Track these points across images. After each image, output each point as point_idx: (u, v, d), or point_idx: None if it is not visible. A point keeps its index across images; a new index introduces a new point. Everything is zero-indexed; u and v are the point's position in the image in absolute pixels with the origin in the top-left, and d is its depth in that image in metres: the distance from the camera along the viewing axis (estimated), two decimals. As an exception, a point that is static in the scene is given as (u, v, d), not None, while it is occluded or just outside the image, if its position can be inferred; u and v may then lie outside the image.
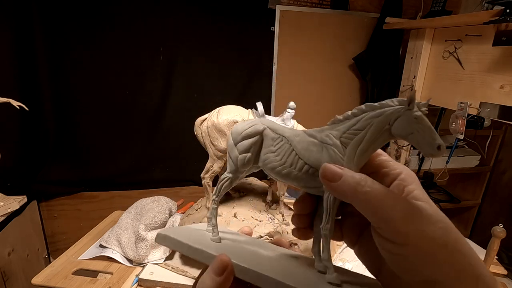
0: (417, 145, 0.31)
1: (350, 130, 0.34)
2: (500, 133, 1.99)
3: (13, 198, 1.32)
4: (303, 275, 0.34)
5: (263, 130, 0.38)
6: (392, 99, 0.33)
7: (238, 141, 0.38)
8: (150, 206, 1.19)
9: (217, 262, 0.30)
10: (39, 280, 0.96)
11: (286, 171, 0.36)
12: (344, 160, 0.33)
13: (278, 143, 0.37)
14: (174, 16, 1.59)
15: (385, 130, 0.32)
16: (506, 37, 1.16)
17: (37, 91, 1.53)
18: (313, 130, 0.37)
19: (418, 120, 0.31)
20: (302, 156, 0.35)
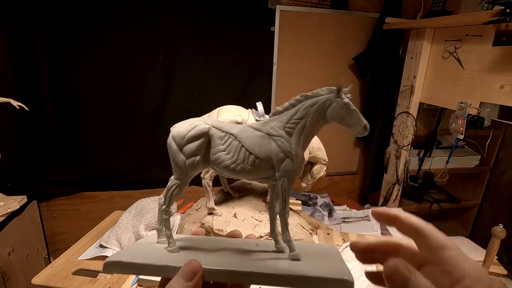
0: (349, 126, 0.36)
1: (292, 120, 0.37)
2: (500, 133, 2.00)
3: (13, 198, 1.32)
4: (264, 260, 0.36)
5: (208, 130, 0.38)
6: (322, 88, 0.38)
7: (183, 145, 0.38)
8: (150, 206, 1.19)
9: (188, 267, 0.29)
10: (39, 280, 0.96)
11: (239, 168, 0.37)
12: (292, 148, 0.37)
13: (226, 140, 0.38)
14: (174, 16, 1.59)
15: (321, 117, 0.37)
16: (506, 37, 1.16)
17: (37, 91, 1.53)
18: (257, 124, 0.39)
19: (346, 106, 0.36)
20: (252, 151, 0.37)
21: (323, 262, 0.38)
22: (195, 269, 0.29)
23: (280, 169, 0.37)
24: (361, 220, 1.56)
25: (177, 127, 0.39)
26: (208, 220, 0.99)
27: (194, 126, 0.38)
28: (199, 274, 0.29)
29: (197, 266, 0.30)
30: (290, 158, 0.37)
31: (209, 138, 0.38)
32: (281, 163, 0.37)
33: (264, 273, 0.33)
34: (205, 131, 0.38)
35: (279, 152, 0.37)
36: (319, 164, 1.04)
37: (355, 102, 2.10)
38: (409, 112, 1.68)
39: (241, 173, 0.38)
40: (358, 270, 0.97)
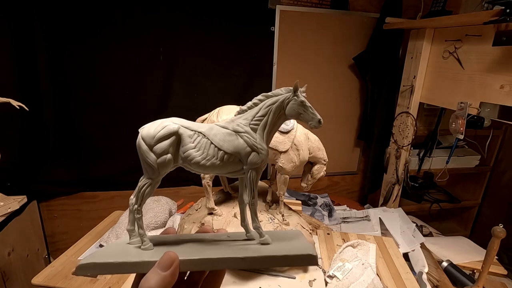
0: (305, 121, 0.41)
1: (256, 117, 0.42)
2: (500, 133, 2.00)
3: (13, 198, 1.32)
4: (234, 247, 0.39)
5: (178, 129, 0.40)
6: (281, 88, 0.43)
7: (153, 144, 0.39)
8: (150, 206, 1.19)
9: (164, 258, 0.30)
10: (39, 280, 0.96)
11: (209, 163, 0.40)
12: (258, 142, 0.41)
13: (196, 139, 0.40)
14: (174, 16, 1.59)
15: (281, 113, 0.42)
16: (506, 37, 1.16)
17: (37, 91, 1.53)
18: (224, 122, 0.42)
19: (302, 103, 0.41)
20: (221, 147, 0.40)
21: (290, 243, 0.41)
22: (171, 258, 0.30)
23: (247, 162, 0.41)
24: (361, 220, 1.56)
25: (146, 127, 0.41)
26: (208, 220, 0.99)
27: (163, 126, 0.40)
28: (176, 263, 0.30)
29: (173, 256, 0.30)
30: (256, 151, 0.41)
31: (179, 137, 0.40)
32: (248, 157, 0.41)
33: (235, 257, 0.35)
34: (175, 130, 0.40)
35: (246, 146, 0.41)
36: (319, 164, 1.04)
37: (355, 102, 2.11)
38: (409, 112, 1.68)
39: (211, 168, 0.41)
40: (358, 270, 0.97)
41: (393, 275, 1.03)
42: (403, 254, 1.19)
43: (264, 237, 0.40)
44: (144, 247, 0.38)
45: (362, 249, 1.12)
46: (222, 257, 0.35)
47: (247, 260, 0.36)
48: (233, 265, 0.36)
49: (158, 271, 0.29)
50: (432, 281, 1.16)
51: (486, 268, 1.03)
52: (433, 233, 1.70)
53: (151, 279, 0.29)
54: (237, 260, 0.35)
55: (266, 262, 0.37)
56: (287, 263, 0.37)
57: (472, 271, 1.29)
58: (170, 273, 0.29)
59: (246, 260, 0.36)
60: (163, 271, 0.29)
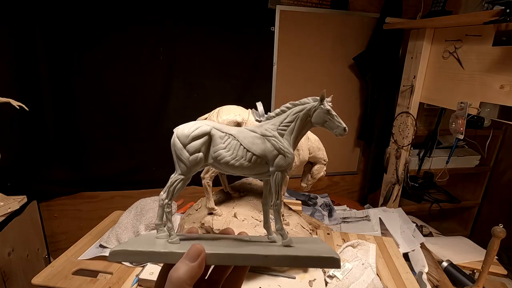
0: (331, 129, 0.43)
1: (283, 123, 0.44)
2: (500, 133, 2.00)
3: (13, 198, 1.32)
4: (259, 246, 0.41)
5: (210, 130, 0.43)
6: (307, 97, 0.44)
7: (187, 143, 0.42)
8: (150, 206, 1.19)
9: (192, 250, 0.32)
10: (39, 280, 0.96)
11: (238, 163, 0.42)
12: (285, 146, 0.43)
13: (226, 140, 0.43)
14: (174, 16, 1.59)
15: (308, 121, 0.44)
16: (506, 37, 1.16)
17: (37, 91, 1.53)
18: (252, 127, 0.44)
19: (328, 112, 0.42)
20: (249, 149, 0.42)
21: (311, 246, 0.43)
22: (198, 250, 0.32)
23: (274, 164, 0.43)
24: (361, 220, 1.56)
25: (181, 128, 0.43)
26: (208, 220, 0.99)
27: (197, 127, 0.43)
28: (203, 254, 0.32)
29: (200, 248, 0.32)
30: (283, 154, 0.43)
31: (210, 138, 0.43)
32: (275, 159, 0.43)
33: (259, 254, 0.36)
34: (207, 131, 0.43)
35: (273, 149, 0.43)
36: (319, 164, 1.04)
37: (355, 102, 2.11)
38: (409, 112, 1.68)
39: (240, 168, 0.43)
40: (358, 270, 0.97)
41: (393, 275, 1.03)
42: (403, 254, 1.19)
43: (286, 239, 0.42)
44: (171, 241, 0.40)
45: (362, 249, 1.12)
46: (246, 253, 0.36)
47: (270, 258, 0.36)
48: (257, 262, 0.36)
49: (186, 261, 0.31)
50: (432, 281, 1.16)
51: (486, 268, 1.03)
52: (433, 233, 1.70)
53: (180, 269, 0.30)
54: (260, 257, 0.36)
55: (289, 262, 0.38)
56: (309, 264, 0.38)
57: (472, 271, 1.29)
58: (198, 264, 0.31)
59: (269, 258, 0.36)
60: (191, 262, 0.31)
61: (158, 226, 0.43)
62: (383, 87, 1.87)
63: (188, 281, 0.30)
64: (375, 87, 1.89)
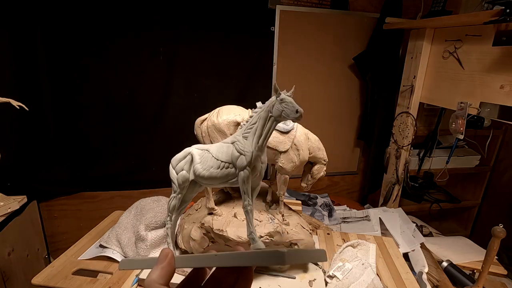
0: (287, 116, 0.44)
1: (248, 126, 0.47)
2: (500, 133, 2.00)
3: (13, 198, 1.32)
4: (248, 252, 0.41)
5: (191, 150, 0.48)
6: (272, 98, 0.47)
7: (175, 165, 0.48)
8: (150, 206, 1.19)
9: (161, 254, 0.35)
10: (39, 280, 0.96)
11: (208, 173, 0.46)
12: (245, 146, 0.45)
13: (203, 155, 0.48)
14: (174, 16, 1.59)
15: (269, 117, 0.46)
16: (506, 37, 1.16)
17: (37, 91, 1.53)
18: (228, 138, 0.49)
19: (283, 100, 0.45)
20: (217, 157, 0.46)
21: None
22: (165, 252, 0.35)
23: (236, 165, 0.46)
24: (361, 220, 1.56)
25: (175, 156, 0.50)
26: (208, 220, 0.99)
27: (184, 150, 0.49)
28: (170, 255, 0.35)
29: (167, 250, 0.36)
30: (242, 154, 0.46)
31: (191, 157, 0.48)
32: (236, 160, 0.46)
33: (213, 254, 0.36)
34: (189, 151, 0.48)
35: (235, 152, 0.46)
36: (319, 164, 1.04)
37: (355, 102, 2.10)
38: (409, 112, 1.68)
39: (210, 177, 0.46)
40: (358, 270, 0.97)
41: (393, 275, 1.03)
42: (403, 254, 1.19)
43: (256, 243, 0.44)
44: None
45: (362, 249, 1.12)
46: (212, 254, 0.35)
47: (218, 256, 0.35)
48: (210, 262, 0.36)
49: (157, 265, 0.34)
50: (432, 281, 1.16)
51: (486, 268, 1.03)
52: (433, 233, 1.70)
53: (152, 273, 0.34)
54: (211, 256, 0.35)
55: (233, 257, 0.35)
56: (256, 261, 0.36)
57: (472, 271, 1.29)
58: (167, 263, 0.34)
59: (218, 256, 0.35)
60: (160, 264, 0.34)
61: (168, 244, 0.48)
62: (383, 87, 1.87)
63: (159, 281, 0.33)
64: (375, 87, 1.89)
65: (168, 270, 0.34)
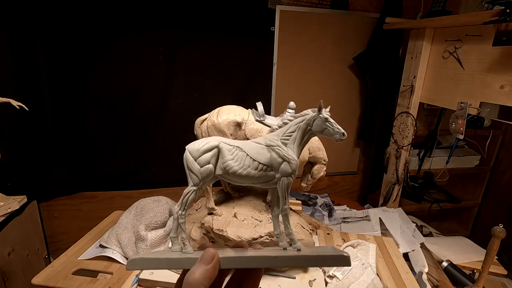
0: (330, 136, 0.48)
1: (286, 134, 0.48)
2: (500, 133, 2.00)
3: (13, 198, 1.32)
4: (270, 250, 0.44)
5: (218, 144, 0.46)
6: (308, 109, 0.49)
7: (198, 156, 0.45)
8: (150, 206, 1.19)
9: (206, 253, 0.34)
10: (39, 280, 0.96)
11: (246, 172, 0.46)
12: (289, 153, 0.47)
13: (234, 152, 0.47)
14: (174, 16, 1.59)
15: (308, 130, 0.48)
16: (506, 37, 1.16)
17: (37, 91, 1.53)
18: (257, 139, 0.48)
19: (327, 120, 0.47)
20: (255, 158, 0.46)
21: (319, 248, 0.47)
22: (212, 253, 0.34)
23: (279, 171, 0.46)
24: (361, 220, 1.56)
25: (192, 144, 0.47)
26: (208, 220, 0.99)
27: (207, 142, 0.46)
28: (216, 257, 0.34)
29: (214, 251, 0.35)
30: (287, 161, 0.46)
31: (219, 151, 0.46)
32: (279, 166, 0.46)
33: (269, 255, 0.38)
34: (216, 144, 0.46)
35: (277, 157, 0.46)
36: (319, 164, 1.04)
37: (355, 102, 2.10)
38: (409, 112, 1.68)
39: (247, 177, 0.46)
40: (358, 270, 0.97)
41: (393, 275, 1.03)
42: (403, 254, 1.19)
43: (296, 244, 0.44)
44: (185, 251, 0.42)
45: (362, 249, 1.12)
46: (256, 255, 0.38)
47: (280, 259, 0.38)
48: (267, 263, 0.38)
49: (201, 265, 0.33)
50: (432, 281, 1.16)
51: (486, 268, 1.03)
52: (433, 233, 1.70)
53: (196, 271, 0.32)
54: (270, 258, 0.38)
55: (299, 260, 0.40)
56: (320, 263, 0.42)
57: (472, 271, 1.29)
58: (212, 266, 0.33)
59: (279, 258, 0.38)
60: (206, 264, 0.33)
61: (173, 239, 0.45)
62: (383, 87, 1.87)
63: (204, 282, 0.32)
64: (375, 87, 1.89)
65: (213, 273, 0.33)
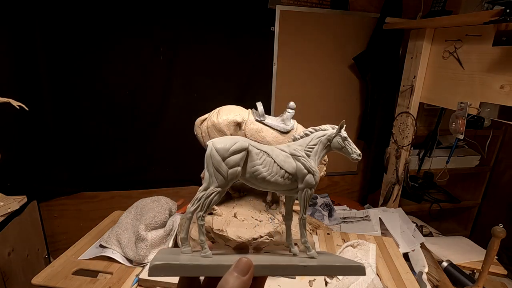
0: (347, 155, 0.51)
1: (309, 145, 0.49)
2: (500, 133, 2.00)
3: (13, 198, 1.32)
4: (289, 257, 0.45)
5: (248, 146, 0.44)
6: (326, 125, 0.52)
7: (227, 156, 0.42)
8: (150, 206, 1.19)
9: (242, 263, 0.32)
10: (39, 280, 0.96)
11: (274, 179, 0.45)
12: (313, 165, 0.48)
13: (262, 156, 0.45)
14: (174, 16, 1.59)
15: (327, 145, 0.51)
16: (506, 37, 1.16)
17: (37, 91, 1.53)
18: (282, 146, 0.48)
19: (346, 139, 0.50)
20: (282, 166, 0.46)
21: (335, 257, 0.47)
22: (249, 264, 0.32)
23: (303, 182, 0.47)
24: (361, 220, 1.56)
25: (218, 141, 0.43)
26: (208, 220, 0.99)
27: (236, 141, 0.44)
28: (252, 269, 0.32)
29: (250, 262, 0.32)
30: (312, 173, 0.47)
31: (247, 153, 0.44)
32: (304, 177, 0.47)
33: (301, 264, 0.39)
34: (246, 146, 0.44)
35: (303, 168, 0.46)
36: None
37: (355, 102, 2.10)
38: (409, 112, 1.68)
39: (274, 184, 0.46)
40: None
41: (393, 275, 1.03)
42: (403, 254, 1.19)
43: (311, 252, 0.44)
44: (204, 255, 0.39)
45: (362, 249, 1.12)
46: (287, 264, 0.39)
47: (309, 268, 0.40)
48: (296, 272, 0.40)
49: (237, 275, 0.31)
50: (432, 281, 1.16)
51: (486, 268, 1.03)
52: (433, 233, 1.70)
53: (231, 282, 0.30)
54: (300, 267, 0.39)
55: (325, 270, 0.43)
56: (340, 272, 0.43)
57: (472, 271, 1.29)
58: (248, 278, 0.31)
59: (308, 268, 0.39)
60: (242, 275, 0.31)
61: (183, 240, 0.42)
62: (383, 87, 1.87)
63: None
64: (375, 87, 1.89)
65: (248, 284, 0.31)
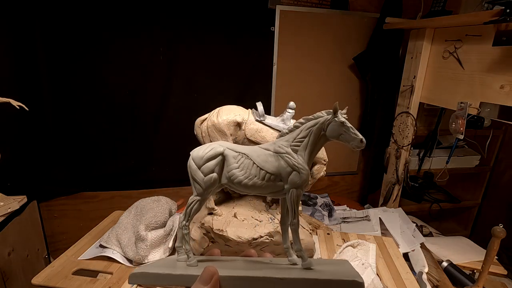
0: (346, 142, 0.41)
1: (297, 139, 0.43)
2: (500, 133, 2.00)
3: (13, 198, 1.32)
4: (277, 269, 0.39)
5: (223, 151, 0.43)
6: (321, 111, 0.44)
7: (201, 164, 0.42)
8: (150, 206, 1.19)
9: (205, 272, 0.31)
10: (39, 280, 0.96)
11: (252, 182, 0.42)
12: (299, 162, 0.42)
13: (240, 159, 0.43)
14: (174, 16, 1.59)
15: (322, 135, 0.43)
16: (506, 37, 1.16)
17: (37, 91, 1.53)
18: (266, 144, 0.44)
19: (343, 124, 0.41)
20: (263, 167, 0.42)
21: (334, 268, 0.41)
22: (211, 272, 0.31)
23: (288, 181, 0.42)
24: (361, 220, 1.56)
25: (196, 150, 0.43)
26: (208, 220, 0.99)
27: (211, 148, 0.43)
28: (215, 276, 0.32)
29: (212, 270, 0.32)
30: (297, 171, 0.42)
31: (224, 158, 0.43)
32: (289, 176, 0.42)
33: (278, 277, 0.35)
34: (221, 151, 0.42)
35: (286, 166, 0.42)
36: (319, 164, 1.04)
37: (355, 102, 2.10)
38: (409, 112, 1.68)
39: (253, 187, 0.42)
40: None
41: (393, 275, 1.03)
42: (403, 254, 1.19)
43: (306, 261, 0.40)
44: (189, 263, 0.40)
45: (362, 249, 1.12)
46: (261, 276, 0.35)
47: (285, 281, 0.35)
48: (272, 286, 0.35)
49: (199, 285, 0.31)
50: (432, 281, 1.16)
51: (486, 268, 1.03)
52: (433, 233, 1.70)
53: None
54: (276, 280, 0.35)
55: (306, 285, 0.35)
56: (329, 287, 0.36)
57: (472, 271, 1.29)
58: (212, 286, 0.31)
59: (284, 281, 0.35)
60: (204, 285, 0.31)
61: (178, 248, 0.43)
62: (383, 87, 1.87)
63: None
64: (375, 87, 1.89)
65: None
